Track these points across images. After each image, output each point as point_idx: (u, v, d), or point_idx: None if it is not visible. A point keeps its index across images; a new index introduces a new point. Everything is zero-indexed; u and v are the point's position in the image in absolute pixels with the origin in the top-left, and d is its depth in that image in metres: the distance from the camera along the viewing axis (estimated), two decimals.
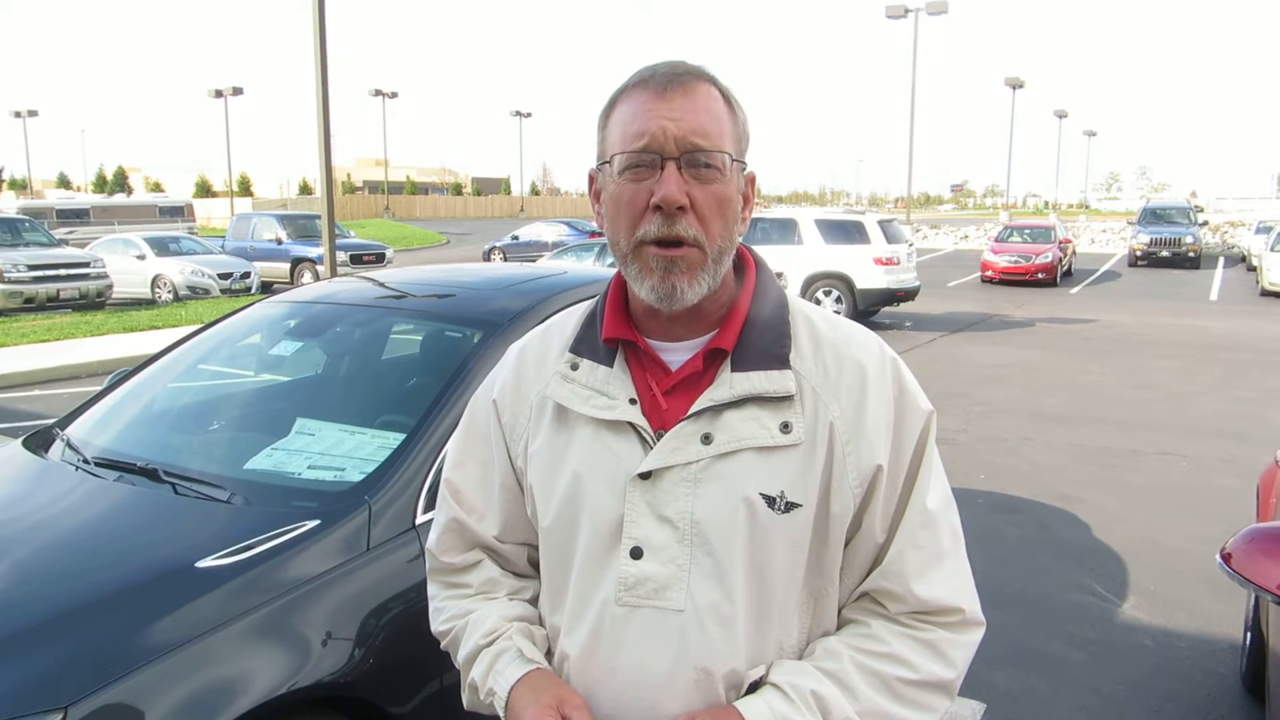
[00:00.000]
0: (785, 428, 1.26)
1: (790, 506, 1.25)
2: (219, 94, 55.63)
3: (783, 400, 1.27)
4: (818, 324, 1.35)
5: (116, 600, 2.08)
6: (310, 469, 2.63)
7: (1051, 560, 5.37)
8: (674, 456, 1.26)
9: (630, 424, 1.29)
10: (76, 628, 1.99)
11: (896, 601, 1.29)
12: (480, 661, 1.37)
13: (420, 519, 2.49)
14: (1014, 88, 53.54)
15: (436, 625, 1.50)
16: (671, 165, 1.22)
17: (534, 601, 1.46)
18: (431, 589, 1.53)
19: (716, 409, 1.27)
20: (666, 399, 1.30)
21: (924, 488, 1.31)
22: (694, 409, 1.27)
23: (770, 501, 1.24)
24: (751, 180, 1.34)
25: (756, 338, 1.30)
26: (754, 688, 1.25)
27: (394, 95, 69.52)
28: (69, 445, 2.95)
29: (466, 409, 1.52)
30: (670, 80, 1.24)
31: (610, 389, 1.32)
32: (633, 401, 1.30)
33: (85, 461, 2.79)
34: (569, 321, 1.45)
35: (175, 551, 2.28)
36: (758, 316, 1.32)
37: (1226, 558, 2.09)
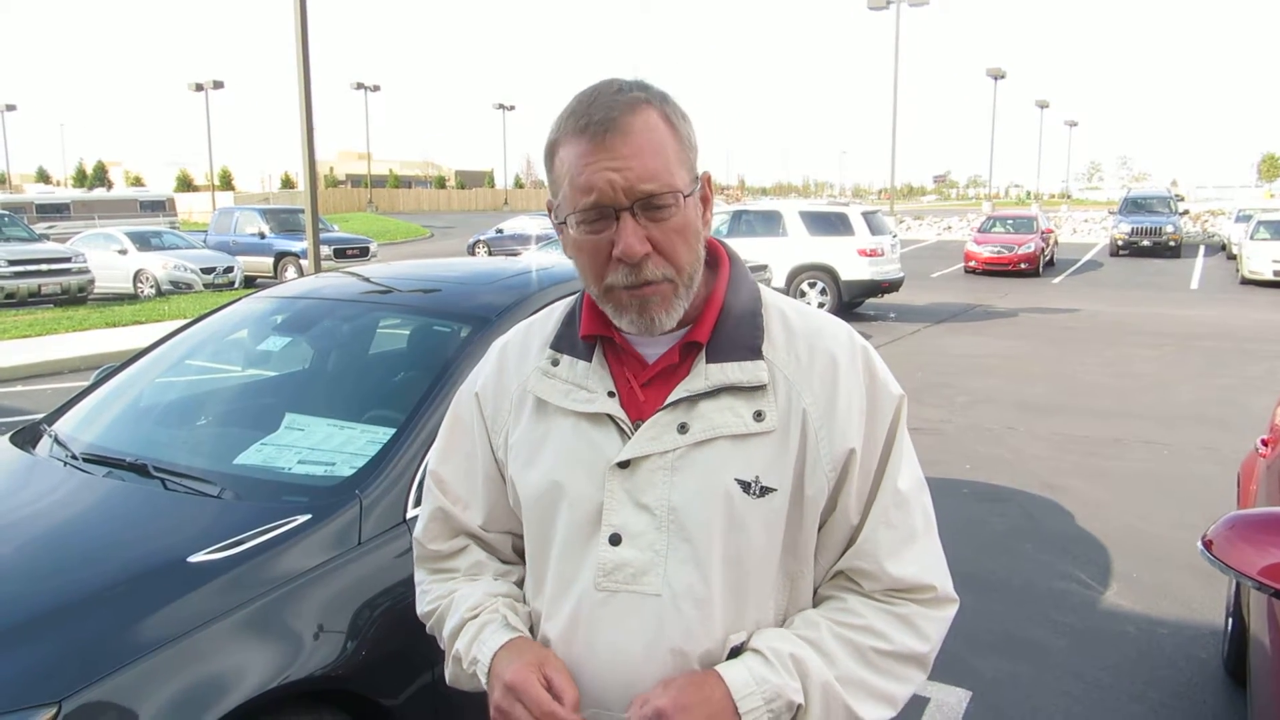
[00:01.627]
0: (759, 416, 1.30)
1: (765, 491, 1.29)
2: (199, 87, 55.28)
3: (756, 389, 1.31)
4: (790, 315, 1.39)
5: (108, 595, 2.08)
6: (300, 464, 2.64)
7: (1035, 548, 5.42)
8: (651, 445, 1.30)
9: (609, 416, 1.33)
10: (69, 623, 1.99)
11: (870, 580, 1.34)
12: (465, 633, 1.41)
13: (411, 513, 2.49)
14: (996, 78, 53.72)
15: (422, 607, 1.54)
16: (626, 215, 1.24)
17: (520, 584, 1.49)
18: (418, 575, 1.57)
19: (692, 399, 1.31)
20: (644, 391, 1.34)
21: (895, 470, 1.36)
22: (670, 399, 1.31)
23: (745, 487, 1.28)
24: (708, 180, 1.36)
25: (731, 330, 1.34)
26: (735, 654, 1.29)
27: (376, 88, 69.15)
28: (56, 441, 2.95)
29: (452, 403, 1.56)
30: (607, 126, 1.23)
31: (589, 383, 1.36)
32: (611, 394, 1.34)
33: (73, 457, 2.79)
34: (550, 318, 1.49)
35: (166, 546, 2.28)
36: (731, 309, 1.36)
37: (1208, 545, 2.12)
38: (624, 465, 1.31)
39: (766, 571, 1.32)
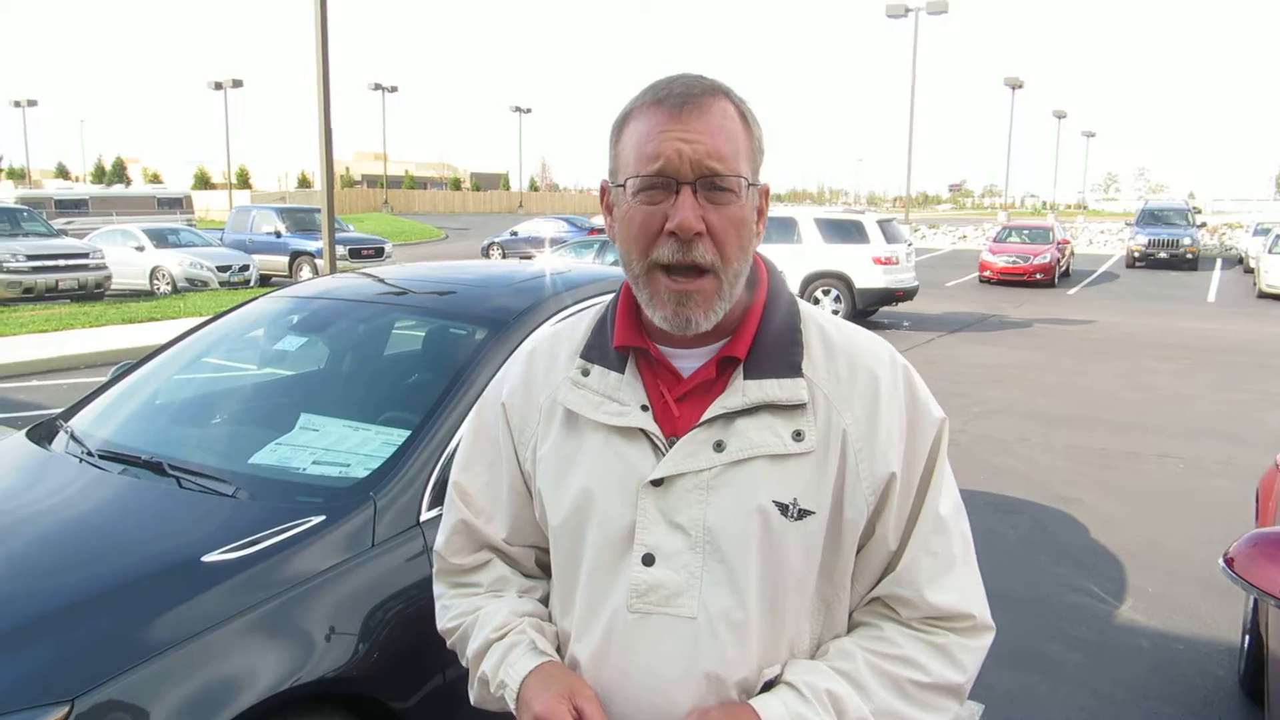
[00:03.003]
0: (798, 435, 1.26)
1: (803, 514, 1.25)
2: (218, 86, 55.60)
3: (795, 408, 1.27)
4: (830, 331, 1.35)
5: (122, 594, 2.08)
6: (315, 464, 2.63)
7: (1049, 561, 5.38)
8: (686, 464, 1.26)
9: (642, 430, 1.29)
10: (82, 621, 1.99)
11: (909, 607, 1.30)
12: (491, 655, 1.37)
13: (425, 515, 2.49)
14: (1013, 88, 53.54)
15: (443, 623, 1.49)
16: (687, 190, 1.21)
17: (544, 601, 1.46)
18: (438, 589, 1.52)
19: (729, 416, 1.27)
20: (679, 406, 1.30)
21: (937, 494, 1.32)
22: (706, 416, 1.27)
23: (783, 509, 1.24)
24: (765, 193, 1.33)
25: (769, 345, 1.30)
26: (768, 686, 1.26)
27: (394, 89, 69.37)
28: (73, 437, 2.95)
29: (474, 411, 1.52)
30: (686, 100, 1.22)
31: (621, 395, 1.31)
32: (644, 408, 1.30)
33: (89, 454, 2.79)
34: (578, 326, 1.44)
35: (180, 545, 2.28)
36: (770, 324, 1.32)
37: (1229, 562, 2.10)
38: (657, 483, 1.27)
39: (803, 596, 1.28)
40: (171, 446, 2.94)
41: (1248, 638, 3.82)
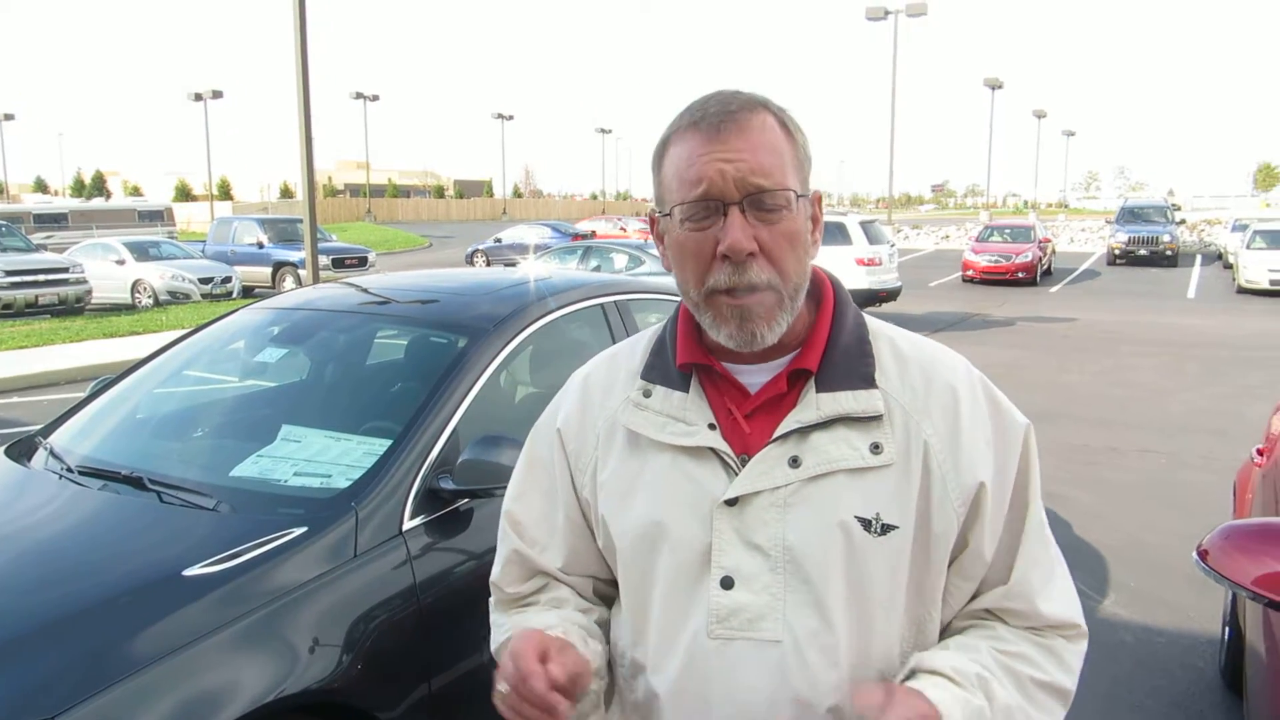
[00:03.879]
0: (876, 448, 1.22)
1: (887, 529, 1.21)
2: (198, 97, 55.34)
3: (871, 420, 1.23)
4: (900, 343, 1.32)
5: (103, 609, 2.08)
6: (296, 476, 2.63)
7: None
8: (762, 481, 1.22)
9: (711, 449, 1.25)
10: (63, 637, 1.99)
11: (1019, 618, 1.27)
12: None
13: (408, 525, 2.49)
14: (993, 88, 53.84)
15: (496, 640, 1.43)
16: (734, 210, 1.18)
17: (601, 626, 1.41)
18: (494, 617, 1.47)
19: (804, 431, 1.23)
20: (748, 422, 1.26)
21: (1036, 503, 1.30)
22: (780, 431, 1.23)
23: (866, 524, 1.20)
24: (818, 200, 1.29)
25: (840, 357, 1.26)
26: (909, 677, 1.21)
27: (375, 98, 69.25)
28: (52, 454, 2.94)
29: (528, 440, 1.47)
30: (723, 118, 1.19)
31: (687, 415, 1.27)
32: (712, 426, 1.26)
33: (69, 470, 2.78)
34: (636, 348, 1.40)
35: (162, 559, 2.28)
36: (840, 336, 1.28)
37: (1203, 554, 2.12)
38: (732, 503, 1.22)
39: (892, 616, 1.23)
40: (152, 461, 2.94)
41: (1228, 630, 3.86)
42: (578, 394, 1.41)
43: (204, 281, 20.34)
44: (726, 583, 1.22)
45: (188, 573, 2.18)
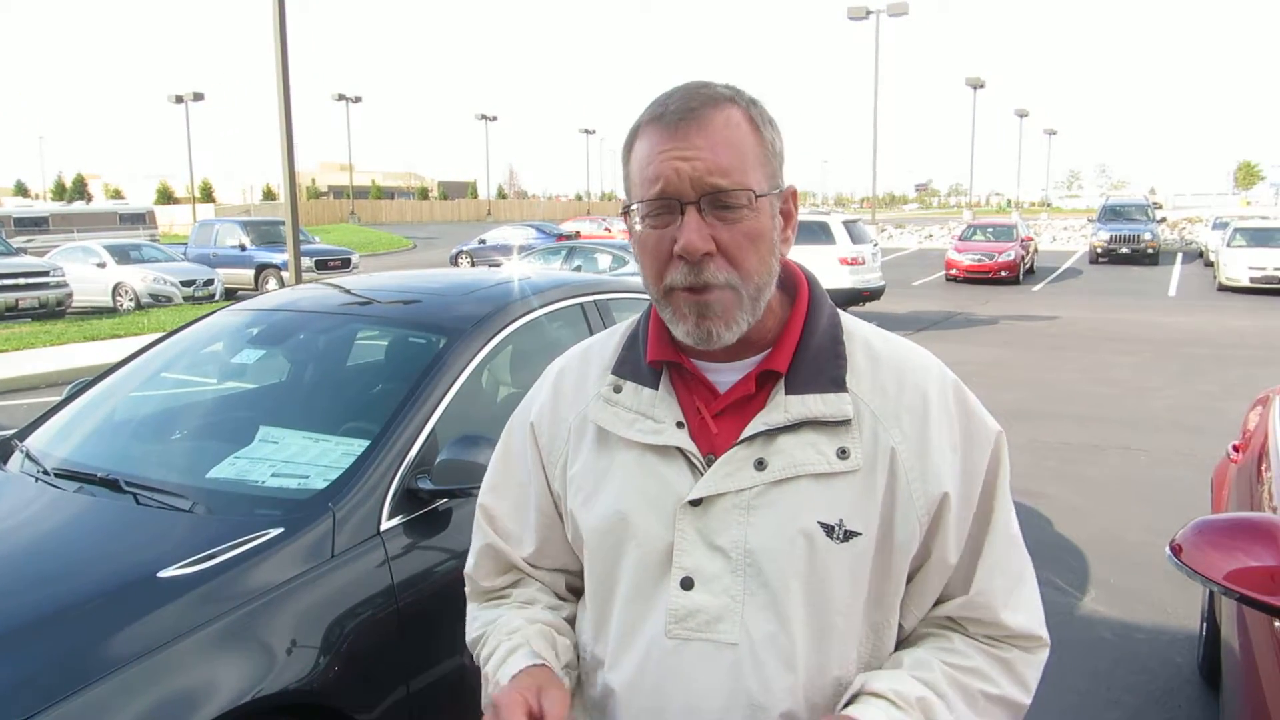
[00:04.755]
0: (843, 453, 1.21)
1: (849, 535, 1.19)
2: (179, 99, 55.00)
3: (840, 424, 1.21)
4: (875, 344, 1.30)
5: (78, 611, 2.06)
6: (274, 477, 2.63)
7: None
8: (726, 483, 1.21)
9: (678, 449, 1.24)
10: (39, 639, 1.98)
11: (980, 627, 1.26)
12: (495, 657, 1.34)
13: (385, 525, 2.49)
14: (975, 88, 54.06)
15: (470, 634, 1.44)
16: (691, 210, 1.16)
17: (570, 622, 1.41)
18: (470, 608, 1.47)
19: (770, 433, 1.21)
20: (716, 422, 1.25)
21: (1004, 511, 1.28)
22: (747, 433, 1.22)
23: (829, 530, 1.19)
24: (792, 195, 1.27)
25: (811, 359, 1.25)
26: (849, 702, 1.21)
27: (358, 99, 68.98)
28: (28, 457, 2.93)
29: (504, 432, 1.47)
30: (683, 115, 1.17)
31: (656, 412, 1.26)
32: (680, 425, 1.25)
33: (45, 473, 2.77)
34: (609, 343, 1.40)
35: (137, 562, 2.27)
36: (812, 337, 1.26)
37: (1176, 550, 2.13)
38: (696, 503, 1.21)
39: (851, 622, 1.22)
40: (129, 463, 2.92)
41: (1205, 625, 3.89)
42: (551, 387, 1.41)
43: (186, 284, 20.23)
44: (686, 583, 1.21)
45: (164, 574, 2.17)
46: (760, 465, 1.21)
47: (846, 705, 1.19)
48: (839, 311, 1.33)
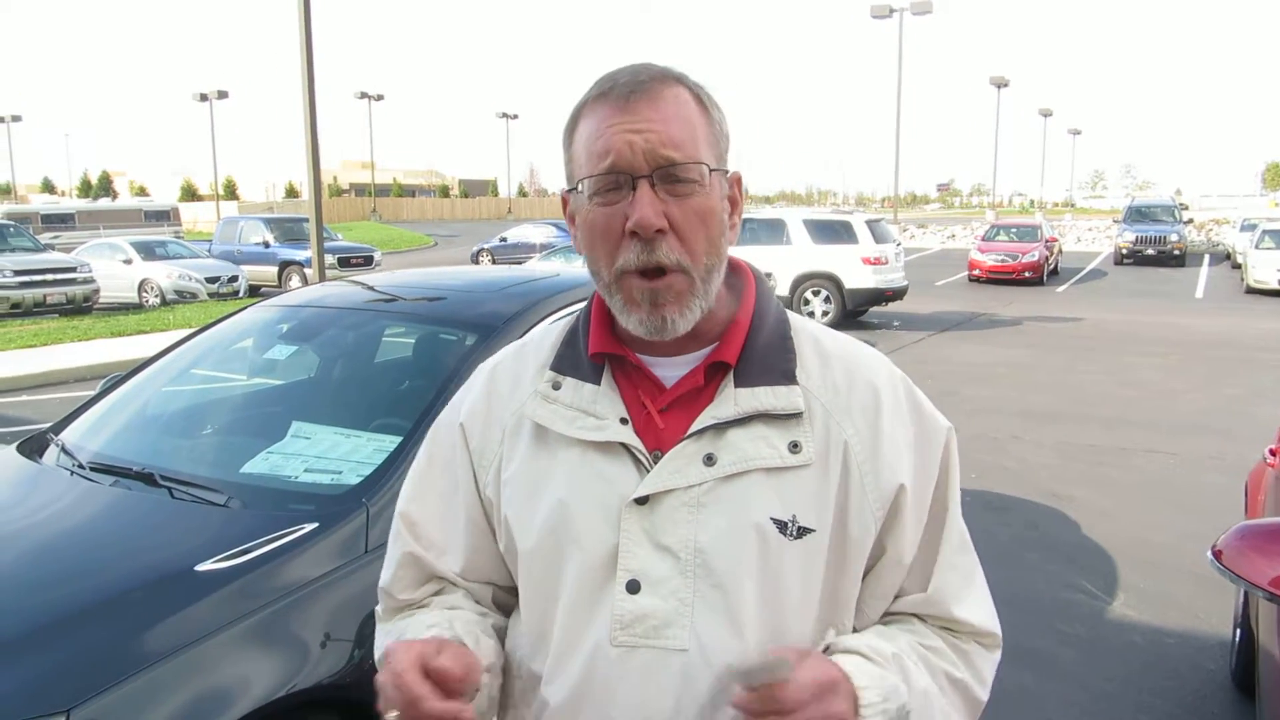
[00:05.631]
0: (794, 447, 1.17)
1: (803, 531, 1.15)
2: (204, 97, 55.49)
3: (791, 418, 1.17)
4: (823, 341, 1.27)
5: (116, 604, 2.08)
6: (307, 472, 2.64)
7: (1041, 558, 5.40)
8: (674, 479, 1.15)
9: (623, 445, 1.18)
10: (76, 632, 1.99)
11: (939, 621, 1.25)
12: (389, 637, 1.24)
13: None
14: (999, 86, 53.79)
15: (379, 651, 1.29)
16: (644, 184, 1.12)
17: (500, 633, 1.31)
18: (381, 629, 1.33)
19: (720, 427, 1.17)
20: (662, 417, 1.19)
21: (956, 508, 1.26)
22: (695, 427, 1.17)
23: (781, 527, 1.14)
24: (737, 182, 1.24)
25: (761, 351, 1.21)
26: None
27: (380, 98, 69.37)
28: (64, 450, 2.95)
29: (427, 436, 1.38)
30: (633, 89, 1.14)
31: (598, 408, 1.20)
32: (624, 421, 1.19)
33: (80, 466, 2.79)
34: (546, 339, 1.33)
35: (173, 555, 2.28)
36: (760, 330, 1.23)
37: (1217, 555, 2.11)
38: (642, 501, 1.15)
39: (805, 623, 1.17)
40: (162, 457, 2.95)
41: (1239, 631, 3.84)
42: (483, 386, 1.32)
43: (210, 281, 20.39)
44: (632, 586, 1.15)
45: (199, 568, 2.18)
46: (709, 460, 1.16)
47: None
48: (785, 309, 1.30)
